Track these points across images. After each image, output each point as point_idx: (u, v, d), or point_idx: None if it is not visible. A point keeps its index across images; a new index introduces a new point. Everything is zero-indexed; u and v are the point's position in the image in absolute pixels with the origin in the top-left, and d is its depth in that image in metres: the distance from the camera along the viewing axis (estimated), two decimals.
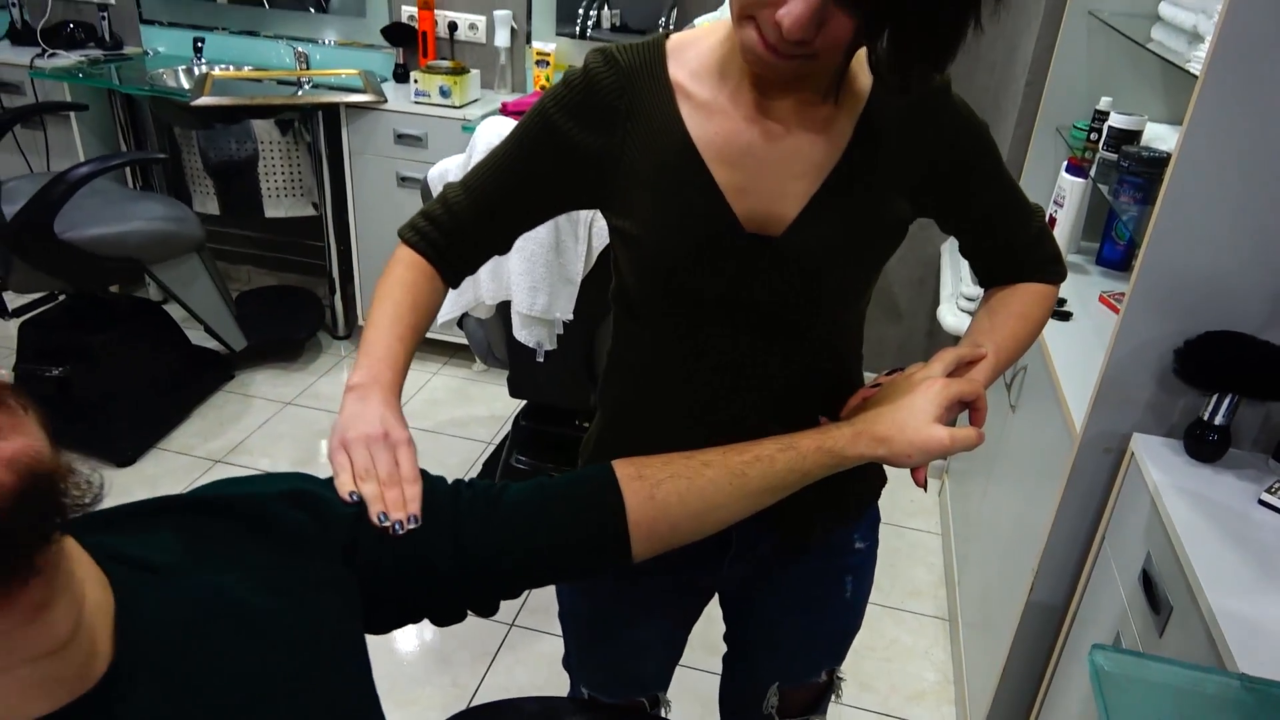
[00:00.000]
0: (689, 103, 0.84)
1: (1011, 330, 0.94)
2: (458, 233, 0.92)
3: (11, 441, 0.46)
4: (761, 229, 0.84)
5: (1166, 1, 1.80)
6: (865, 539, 1.08)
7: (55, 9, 3.22)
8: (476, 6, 2.90)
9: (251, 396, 2.84)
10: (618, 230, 0.89)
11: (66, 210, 2.29)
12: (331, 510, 0.72)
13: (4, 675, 0.48)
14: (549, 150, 0.88)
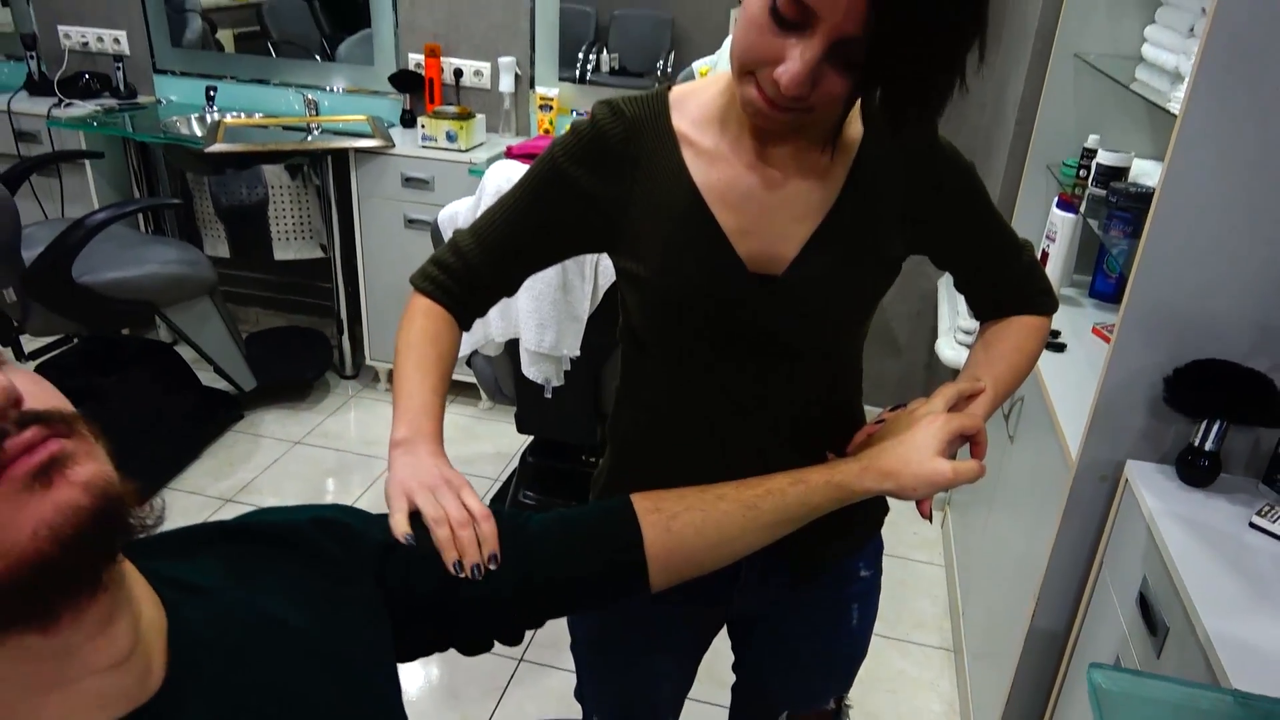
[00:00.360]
0: (692, 151, 0.88)
1: (1008, 363, 0.98)
2: (470, 279, 0.95)
3: (86, 467, 0.49)
4: (764, 269, 0.88)
5: (1149, 43, 1.87)
6: (870, 567, 1.11)
7: (72, 60, 3.32)
8: (481, 54, 2.98)
9: (261, 436, 2.87)
10: (626, 272, 0.93)
11: (83, 255, 2.35)
12: (360, 539, 0.75)
13: (72, 686, 0.51)
14: (558, 197, 0.91)
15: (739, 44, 0.77)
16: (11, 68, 3.39)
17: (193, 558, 0.67)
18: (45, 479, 0.47)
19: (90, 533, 0.48)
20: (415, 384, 0.89)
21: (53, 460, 0.48)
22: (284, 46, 3.55)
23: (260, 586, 0.67)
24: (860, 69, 0.72)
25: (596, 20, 3.08)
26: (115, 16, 3.24)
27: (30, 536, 0.46)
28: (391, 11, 3.00)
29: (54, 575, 0.47)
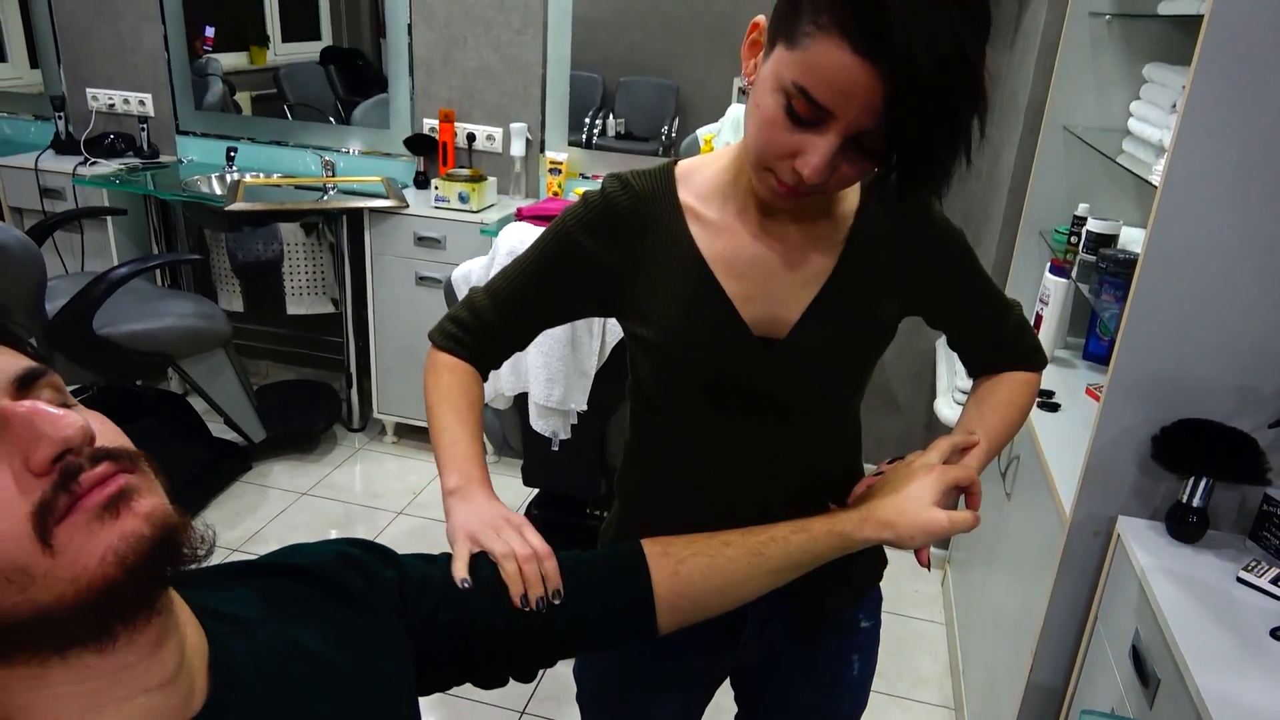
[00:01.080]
0: (698, 222, 0.94)
1: (1000, 417, 1.03)
2: (485, 335, 1.00)
3: (148, 500, 0.54)
4: (767, 332, 0.94)
5: (1135, 118, 1.96)
6: (870, 618, 1.14)
7: (99, 121, 3.44)
8: (494, 119, 3.10)
9: (268, 487, 2.91)
10: (635, 336, 0.98)
11: (103, 307, 2.42)
12: (378, 574, 0.79)
13: (125, 703, 0.55)
14: (569, 264, 0.96)
15: (756, 141, 0.81)
16: (39, 127, 3.51)
17: (229, 590, 0.71)
18: (113, 510, 0.52)
19: (151, 560, 0.53)
20: (456, 434, 0.94)
21: (120, 493, 0.53)
22: (299, 109, 3.68)
23: (292, 618, 0.71)
24: (875, 153, 0.78)
25: (604, 87, 3.20)
26: (142, 80, 3.38)
27: (99, 562, 0.51)
28: (408, 79, 3.12)
29: (117, 598, 0.52)
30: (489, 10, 2.98)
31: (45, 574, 0.50)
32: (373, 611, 0.76)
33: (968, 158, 0.77)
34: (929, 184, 0.79)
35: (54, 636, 0.51)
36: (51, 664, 0.52)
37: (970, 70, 0.72)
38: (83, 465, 0.52)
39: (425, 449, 3.19)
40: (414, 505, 2.87)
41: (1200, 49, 1.22)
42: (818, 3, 0.73)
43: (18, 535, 0.49)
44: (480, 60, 3.04)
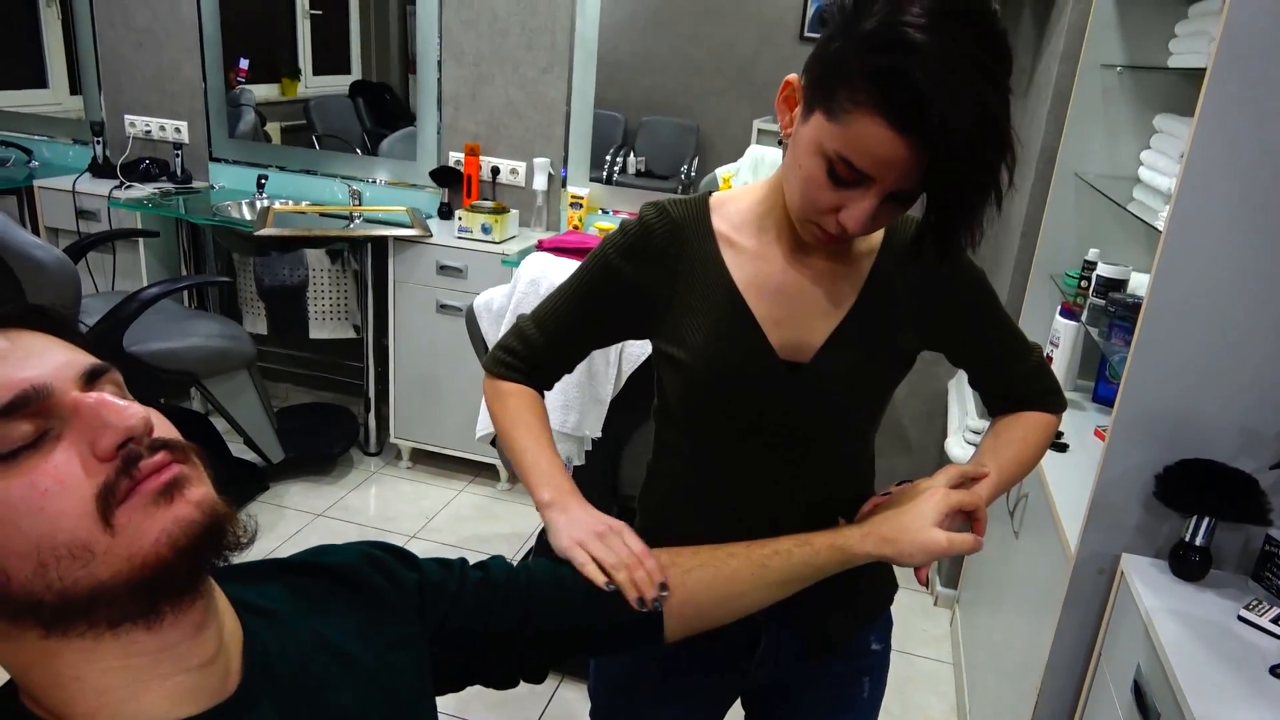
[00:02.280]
0: (731, 249, 0.99)
1: (1013, 454, 1.05)
2: (535, 361, 1.06)
3: (199, 489, 0.59)
4: (793, 356, 0.98)
5: (1145, 167, 2.01)
6: (880, 641, 1.16)
7: (135, 147, 3.54)
8: (518, 154, 3.17)
9: (285, 507, 2.95)
10: (666, 355, 1.02)
11: (133, 326, 2.49)
12: (400, 576, 0.82)
13: (168, 679, 0.59)
14: (609, 289, 1.02)
15: (801, 199, 0.88)
16: (77, 151, 3.62)
17: (260, 585, 0.75)
18: (168, 496, 0.57)
19: (200, 543, 0.57)
20: (536, 452, 1.00)
21: (175, 481, 0.57)
22: (326, 140, 3.79)
23: (319, 614, 0.75)
24: (910, 201, 0.85)
25: (626, 125, 3.28)
26: (179, 108, 3.48)
27: (153, 542, 0.55)
28: (436, 114, 3.21)
29: (167, 577, 0.56)
30: (517, 50, 3.07)
31: (105, 551, 0.54)
32: (394, 611, 0.80)
33: (998, 205, 0.82)
34: (966, 234, 0.84)
35: (109, 611, 0.55)
36: (104, 638, 0.56)
37: (1000, 130, 0.77)
38: (142, 453, 0.56)
39: (439, 474, 3.23)
40: (427, 529, 2.90)
41: (1203, 100, 1.26)
42: (854, 83, 0.78)
43: (83, 514, 0.54)
44: (507, 97, 3.13)
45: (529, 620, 0.85)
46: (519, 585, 0.86)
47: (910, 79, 0.74)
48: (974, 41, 0.76)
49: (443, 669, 0.83)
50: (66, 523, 0.53)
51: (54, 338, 0.60)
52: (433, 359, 3.05)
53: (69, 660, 0.56)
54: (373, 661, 0.74)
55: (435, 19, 3.11)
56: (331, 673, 0.71)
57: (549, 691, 2.23)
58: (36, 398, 0.54)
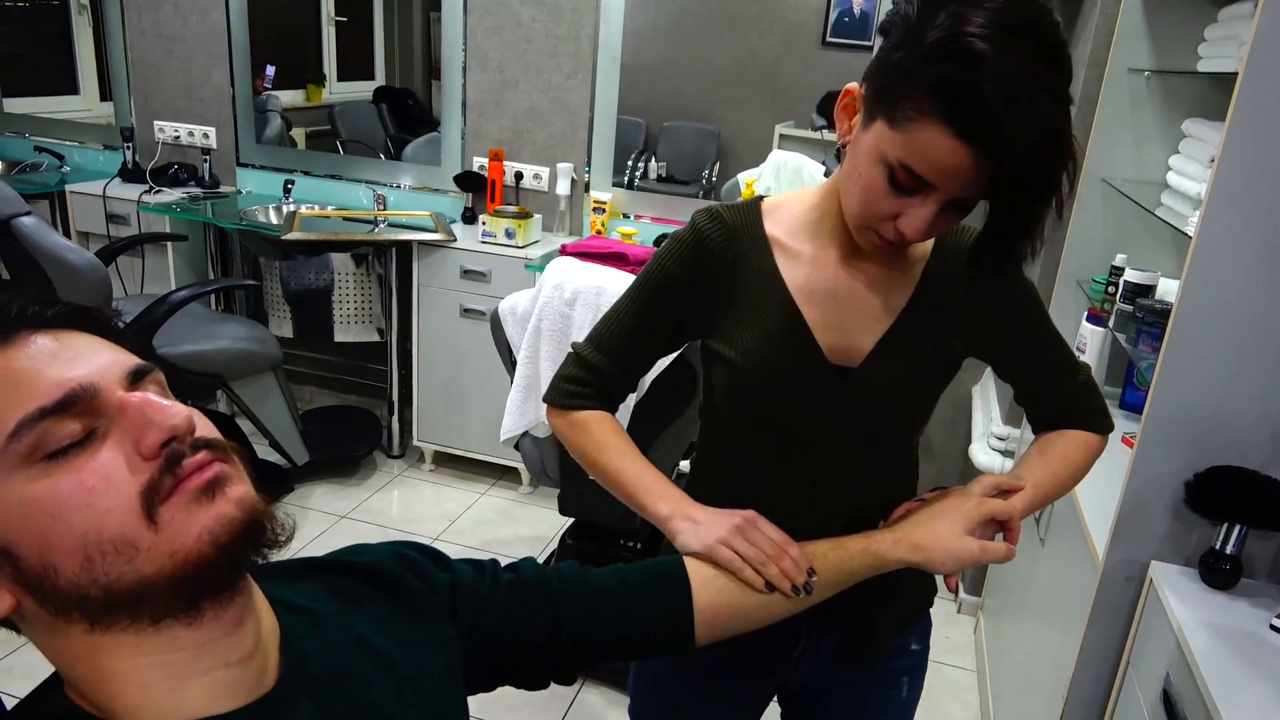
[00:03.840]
0: (783, 253, 1.01)
1: (1052, 469, 1.04)
2: (602, 385, 1.06)
3: (239, 487, 0.60)
4: (842, 360, 0.99)
5: (1174, 172, 1.99)
6: (920, 642, 1.16)
7: (164, 152, 3.59)
8: (541, 159, 3.19)
9: (309, 509, 2.98)
10: (717, 355, 1.03)
11: (162, 329, 2.52)
12: (433, 577, 0.83)
13: (208, 674, 0.60)
14: (668, 300, 1.03)
15: (860, 206, 0.89)
16: (108, 157, 3.68)
17: (297, 583, 0.76)
18: (210, 494, 0.58)
19: (241, 540, 0.58)
20: (636, 470, 1.01)
21: (216, 479, 0.58)
22: (350, 145, 3.82)
23: (355, 613, 0.76)
24: (968, 209, 0.85)
25: (647, 131, 3.29)
26: (207, 114, 3.53)
27: (195, 539, 0.57)
28: (461, 119, 3.23)
29: (208, 573, 0.57)
30: (541, 56, 3.09)
31: (149, 547, 0.55)
32: (427, 612, 0.80)
33: (1059, 214, 0.83)
34: (1028, 244, 0.84)
35: (151, 606, 0.57)
36: (146, 633, 0.58)
37: (1062, 141, 0.78)
38: (185, 452, 0.58)
39: (462, 477, 3.25)
40: (449, 532, 2.92)
41: (1235, 104, 1.25)
42: (918, 93, 0.79)
43: (128, 511, 0.55)
44: (530, 103, 3.15)
45: (560, 625, 0.85)
46: (550, 589, 0.87)
47: (976, 89, 0.76)
48: (1037, 54, 0.77)
49: (474, 670, 0.84)
50: (112, 519, 0.55)
51: (100, 339, 0.61)
52: (456, 362, 3.07)
53: (113, 655, 0.58)
54: (408, 663, 0.75)
55: (460, 26, 3.13)
56: (368, 673, 0.72)
57: (570, 695, 2.23)
58: (84, 396, 0.56)
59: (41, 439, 0.54)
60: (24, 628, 0.59)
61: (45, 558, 0.54)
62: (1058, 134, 0.78)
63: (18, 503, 0.54)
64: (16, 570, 0.55)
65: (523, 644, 0.84)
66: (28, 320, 0.58)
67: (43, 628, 0.58)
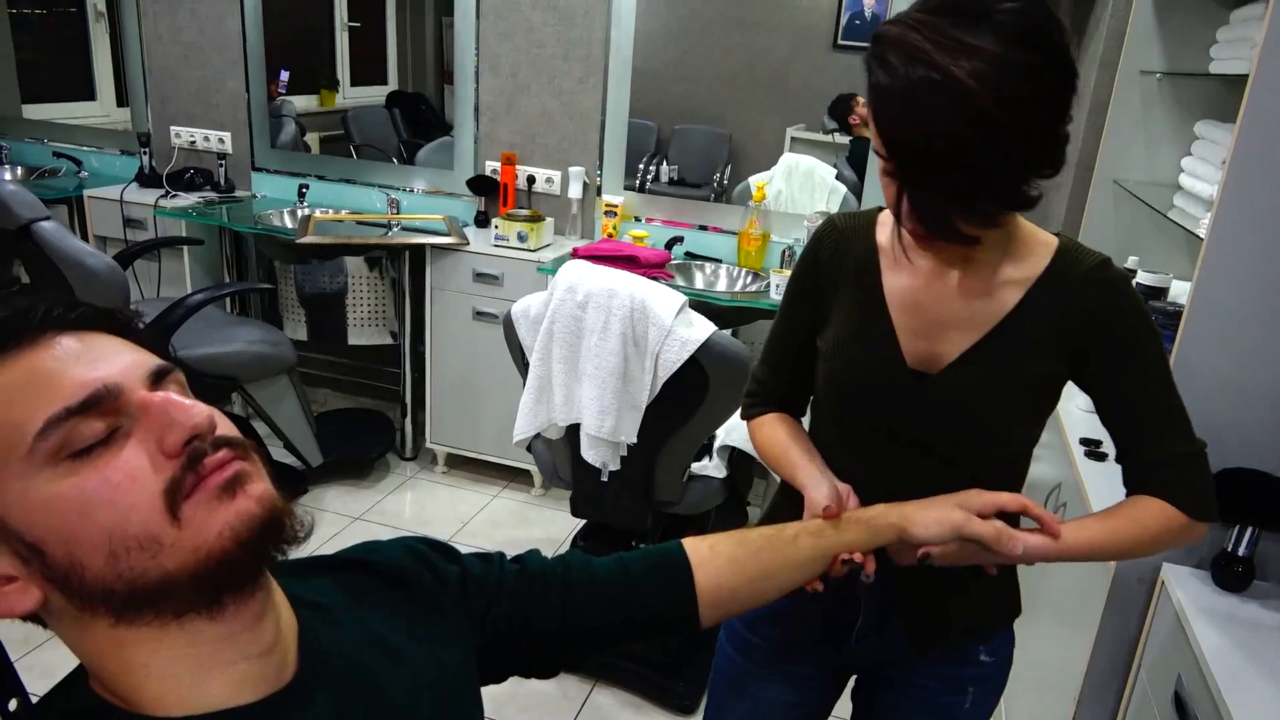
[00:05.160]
0: (886, 259, 1.05)
1: (1110, 527, 0.99)
2: (773, 391, 1.18)
3: (259, 484, 0.61)
4: (923, 367, 1.02)
5: (1186, 173, 1.99)
6: (992, 654, 1.13)
7: (180, 157, 3.63)
8: (553, 163, 3.21)
9: (323, 510, 3.00)
10: (819, 349, 1.10)
11: (178, 332, 2.55)
12: (443, 570, 0.84)
13: (229, 667, 0.62)
14: (799, 301, 1.13)
15: (886, 200, 0.94)
16: (124, 161, 3.72)
17: (311, 580, 0.77)
18: (230, 491, 0.59)
19: (261, 536, 0.60)
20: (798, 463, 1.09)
21: (237, 476, 0.60)
22: (364, 150, 3.85)
23: (369, 609, 0.77)
24: (939, 190, 0.86)
25: (659, 134, 3.30)
26: (223, 119, 3.57)
27: (217, 536, 0.58)
28: (473, 123, 3.26)
29: (230, 569, 0.59)
30: (553, 60, 3.11)
31: (172, 544, 0.57)
32: (439, 605, 0.81)
33: (1007, 189, 0.85)
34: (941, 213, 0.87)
35: (175, 600, 0.58)
36: (169, 627, 0.59)
37: (943, 93, 0.80)
38: (207, 450, 0.59)
39: (474, 479, 3.27)
40: (462, 533, 2.94)
41: (1246, 105, 1.26)
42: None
43: (151, 508, 0.57)
44: (543, 107, 3.17)
45: (567, 613, 0.86)
46: (556, 578, 0.88)
47: (871, 56, 0.85)
48: (954, 21, 0.82)
49: (485, 661, 0.85)
50: (136, 516, 0.56)
51: (121, 339, 0.63)
52: (469, 365, 3.09)
53: (137, 648, 0.59)
54: (422, 658, 0.76)
55: (473, 31, 3.15)
56: (383, 668, 0.73)
57: (583, 696, 2.24)
58: (108, 396, 0.57)
59: (67, 438, 0.55)
60: (50, 622, 0.60)
61: (72, 554, 0.56)
62: (930, 84, 0.80)
63: (45, 501, 0.55)
64: (44, 566, 0.56)
65: (532, 633, 0.86)
66: (52, 322, 0.59)
67: (69, 622, 0.59)
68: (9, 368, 0.57)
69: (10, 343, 0.58)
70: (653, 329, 1.87)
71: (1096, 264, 0.98)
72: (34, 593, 0.57)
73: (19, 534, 0.56)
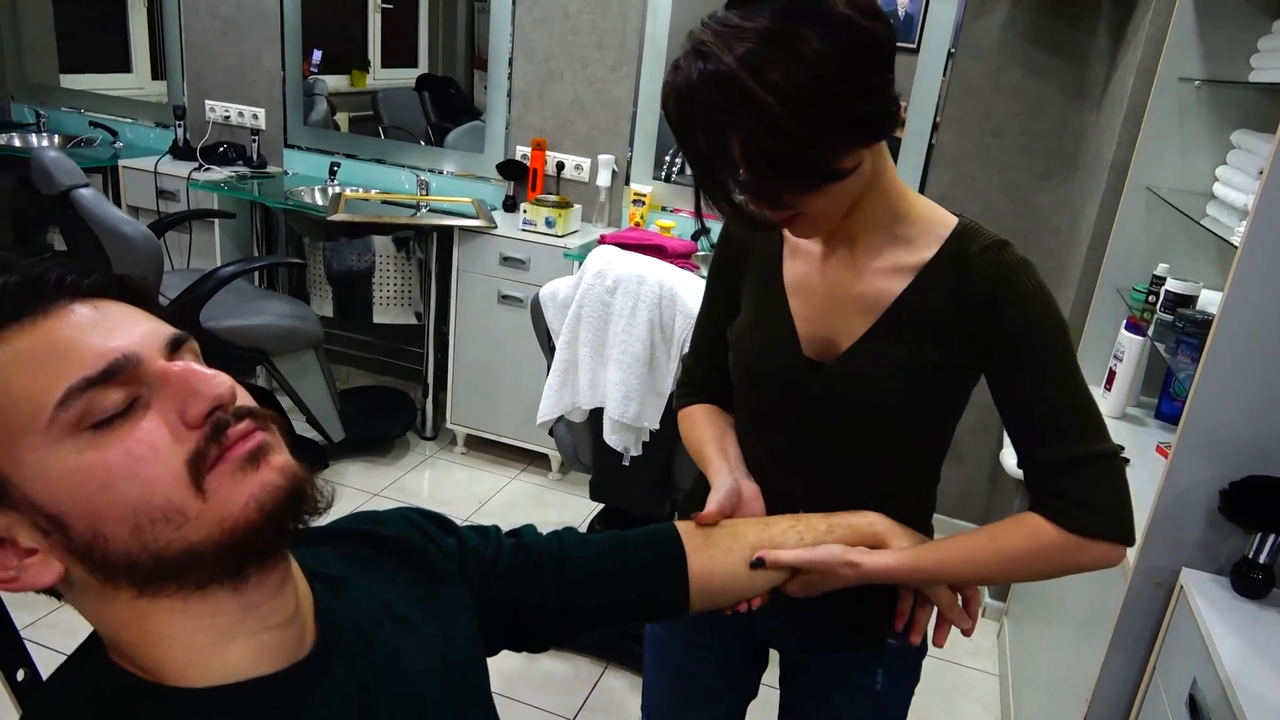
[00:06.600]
0: (789, 244, 1.05)
1: (964, 549, 0.93)
2: (699, 380, 1.18)
3: (281, 455, 0.60)
4: (819, 355, 1.01)
5: (1221, 182, 1.98)
6: (899, 638, 1.06)
7: (214, 131, 3.67)
8: (583, 150, 3.22)
9: (343, 485, 3.03)
10: (728, 336, 1.10)
11: (208, 303, 2.59)
12: (441, 541, 0.84)
13: (251, 637, 0.61)
14: (716, 287, 1.14)
15: None
16: (159, 134, 3.76)
17: (312, 550, 0.76)
18: (254, 463, 0.58)
19: (286, 508, 0.59)
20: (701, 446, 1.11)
21: (259, 448, 0.59)
22: (392, 132, 3.88)
23: (377, 580, 0.76)
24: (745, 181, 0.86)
25: None
26: (258, 95, 3.60)
27: (242, 507, 0.57)
28: (506, 109, 3.27)
29: (254, 540, 0.58)
30: (587, 48, 3.12)
31: (197, 515, 0.56)
32: (442, 575, 0.81)
33: (781, 166, 0.83)
34: (713, 196, 0.87)
35: (199, 572, 0.58)
36: (192, 598, 0.59)
37: (718, 98, 0.80)
38: (229, 421, 0.58)
39: (493, 461, 3.29)
40: (479, 514, 2.97)
41: None
42: None
43: (175, 479, 0.56)
44: (575, 94, 3.18)
45: (561, 590, 0.86)
46: (551, 554, 0.88)
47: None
48: (728, 6, 0.83)
49: (487, 631, 0.84)
50: (160, 488, 0.55)
51: (135, 307, 0.61)
52: (492, 348, 3.11)
53: (159, 619, 0.59)
54: (431, 626, 0.76)
55: (509, 16, 3.17)
56: (396, 637, 0.73)
57: (594, 677, 2.27)
58: (127, 366, 0.56)
59: (87, 409, 0.54)
60: (68, 595, 0.60)
61: (95, 526, 0.55)
62: (704, 76, 0.80)
63: (66, 473, 0.54)
64: (66, 538, 0.55)
65: (526, 609, 0.86)
66: (66, 289, 0.58)
67: (90, 594, 0.58)
68: (24, 336, 0.55)
69: (25, 310, 0.56)
70: (680, 317, 1.88)
71: (989, 245, 0.92)
72: (55, 565, 0.56)
73: (40, 506, 0.55)
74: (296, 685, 0.63)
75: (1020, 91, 2.70)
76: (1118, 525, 0.89)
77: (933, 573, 0.94)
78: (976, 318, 0.92)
